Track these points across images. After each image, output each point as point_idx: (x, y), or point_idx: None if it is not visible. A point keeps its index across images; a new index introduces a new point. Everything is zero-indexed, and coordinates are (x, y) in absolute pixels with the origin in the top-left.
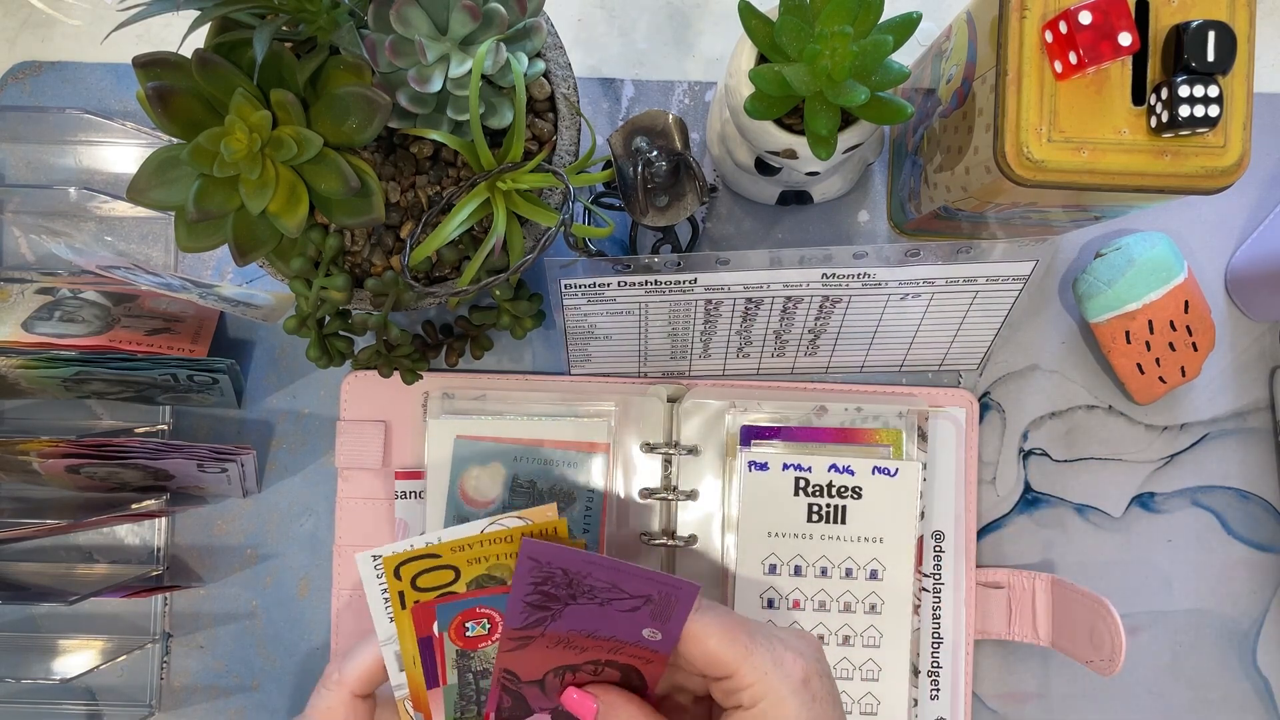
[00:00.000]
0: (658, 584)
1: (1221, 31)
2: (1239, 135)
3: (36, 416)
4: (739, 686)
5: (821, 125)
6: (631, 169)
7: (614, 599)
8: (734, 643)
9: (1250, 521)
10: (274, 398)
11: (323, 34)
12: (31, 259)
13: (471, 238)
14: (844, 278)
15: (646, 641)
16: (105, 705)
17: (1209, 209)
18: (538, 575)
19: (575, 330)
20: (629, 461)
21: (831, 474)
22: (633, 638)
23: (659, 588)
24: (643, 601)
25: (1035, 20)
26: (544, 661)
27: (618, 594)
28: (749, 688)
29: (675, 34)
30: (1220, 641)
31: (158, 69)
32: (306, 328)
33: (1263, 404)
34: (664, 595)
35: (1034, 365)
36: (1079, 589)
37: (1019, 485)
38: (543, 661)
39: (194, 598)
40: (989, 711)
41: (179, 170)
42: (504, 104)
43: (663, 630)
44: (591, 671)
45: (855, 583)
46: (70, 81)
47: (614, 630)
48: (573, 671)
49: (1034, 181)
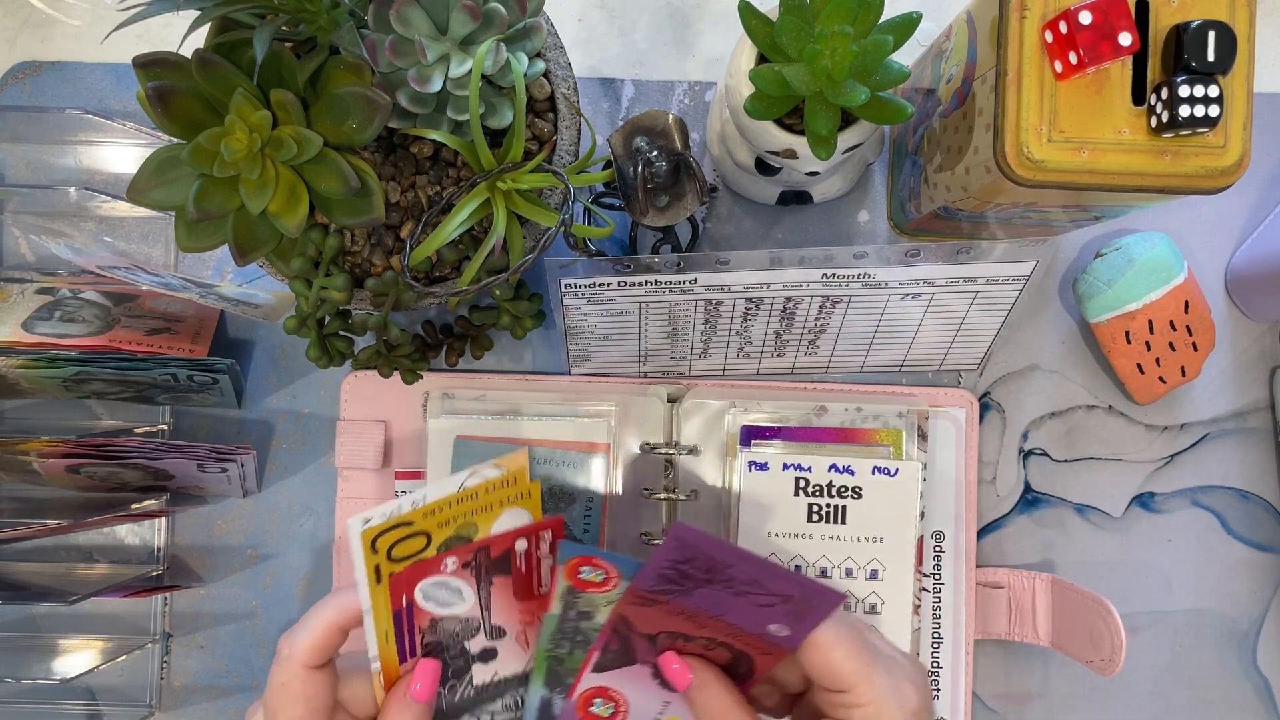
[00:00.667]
0: (802, 587)
1: (1221, 31)
2: (1239, 135)
3: (36, 416)
4: (853, 703)
5: (821, 125)
6: (631, 169)
7: (751, 592)
8: (859, 660)
9: (1250, 521)
10: (274, 398)
11: (323, 34)
12: (31, 259)
13: (471, 238)
14: (844, 278)
15: (770, 636)
16: (105, 705)
17: (1209, 209)
18: (681, 555)
19: (575, 330)
20: (629, 461)
21: (831, 474)
22: (757, 629)
23: (802, 590)
24: (780, 600)
25: (1035, 20)
26: (661, 622)
27: (757, 589)
28: (863, 707)
29: (675, 34)
30: (1220, 641)
31: (158, 69)
32: (306, 328)
33: (1263, 404)
34: (805, 598)
35: (1034, 365)
36: (1079, 589)
37: (1019, 485)
38: (660, 622)
39: (194, 598)
40: (989, 711)
41: (179, 170)
42: (504, 104)
43: (791, 629)
44: (703, 646)
45: (855, 583)
46: (70, 81)
47: (740, 619)
48: (686, 639)
49: (1034, 181)
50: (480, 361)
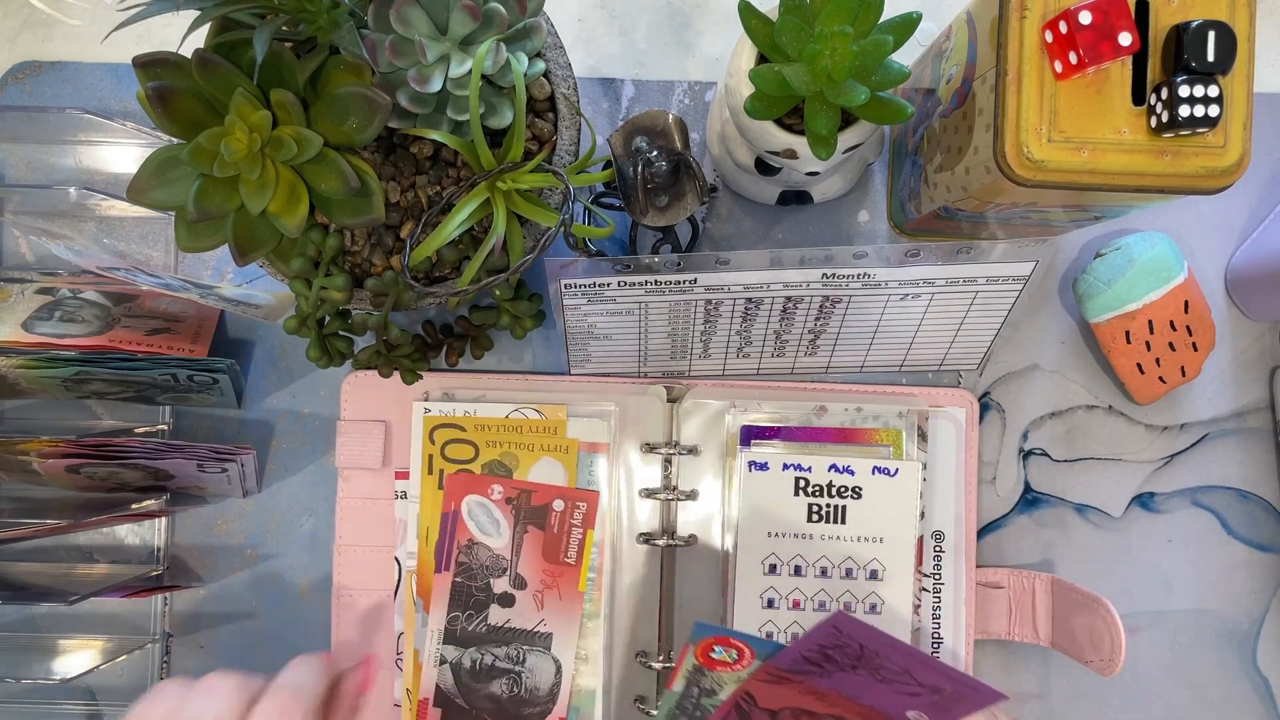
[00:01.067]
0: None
1: (1221, 31)
2: (1239, 135)
3: (36, 416)
4: None
5: (821, 125)
6: (631, 169)
7: (897, 681)
8: None
9: (1250, 521)
10: (274, 398)
11: (323, 34)
12: (31, 259)
13: (471, 238)
14: (844, 278)
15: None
16: (105, 705)
17: (1209, 209)
18: (831, 641)
19: (575, 330)
20: (629, 461)
21: (831, 474)
22: (895, 713)
23: (957, 686)
24: (928, 691)
25: (1035, 20)
26: (788, 699)
27: (905, 679)
28: None
29: (675, 34)
30: (1220, 641)
31: (158, 69)
32: (306, 328)
33: (1263, 404)
34: (957, 693)
35: (1034, 365)
36: (1079, 589)
37: (1019, 485)
38: (787, 699)
39: (194, 598)
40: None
41: (179, 170)
42: (504, 104)
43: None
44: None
45: (855, 583)
46: (70, 81)
47: (878, 702)
48: (810, 716)
49: (1034, 181)
50: (480, 361)
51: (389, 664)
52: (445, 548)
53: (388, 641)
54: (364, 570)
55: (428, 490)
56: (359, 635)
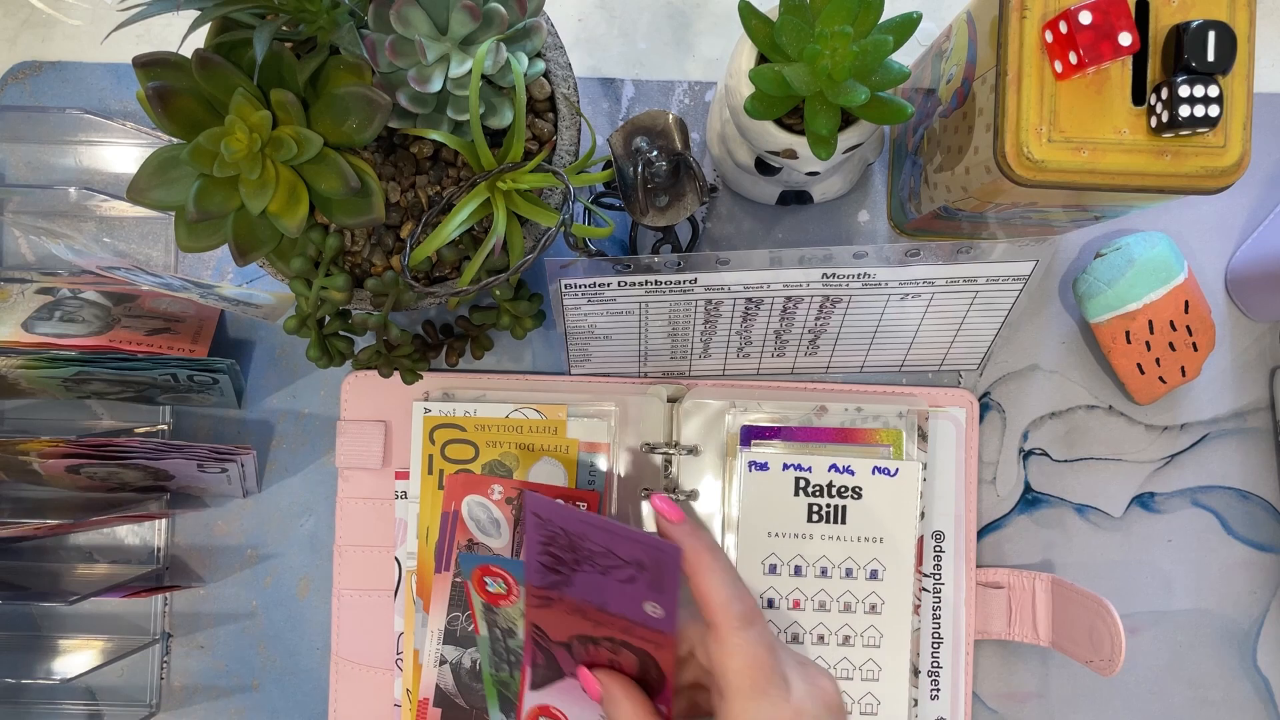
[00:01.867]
0: (644, 547)
1: (1221, 31)
2: (1239, 135)
3: (36, 416)
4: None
5: (821, 125)
6: (631, 169)
7: (611, 566)
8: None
9: (1250, 521)
10: (274, 398)
11: (323, 34)
12: (31, 259)
13: (471, 238)
14: (844, 278)
15: (651, 620)
16: (105, 705)
17: (1209, 209)
18: (544, 533)
19: (575, 330)
20: (629, 461)
21: (831, 474)
22: (638, 615)
23: (647, 551)
24: (636, 569)
25: (1035, 20)
26: (567, 626)
27: (613, 560)
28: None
29: (675, 34)
30: (1220, 641)
31: (158, 69)
32: (306, 328)
33: (1263, 404)
34: (654, 561)
35: (1034, 365)
36: (1079, 589)
37: (1019, 485)
38: (566, 626)
39: (194, 598)
40: (989, 711)
41: (179, 170)
42: (504, 104)
43: (661, 603)
44: (610, 649)
45: (855, 583)
46: (70, 81)
47: (620, 606)
48: (594, 644)
49: (1034, 181)
50: (480, 361)
51: (389, 664)
52: (445, 548)
53: (387, 641)
54: (364, 570)
55: (428, 490)
56: (359, 635)
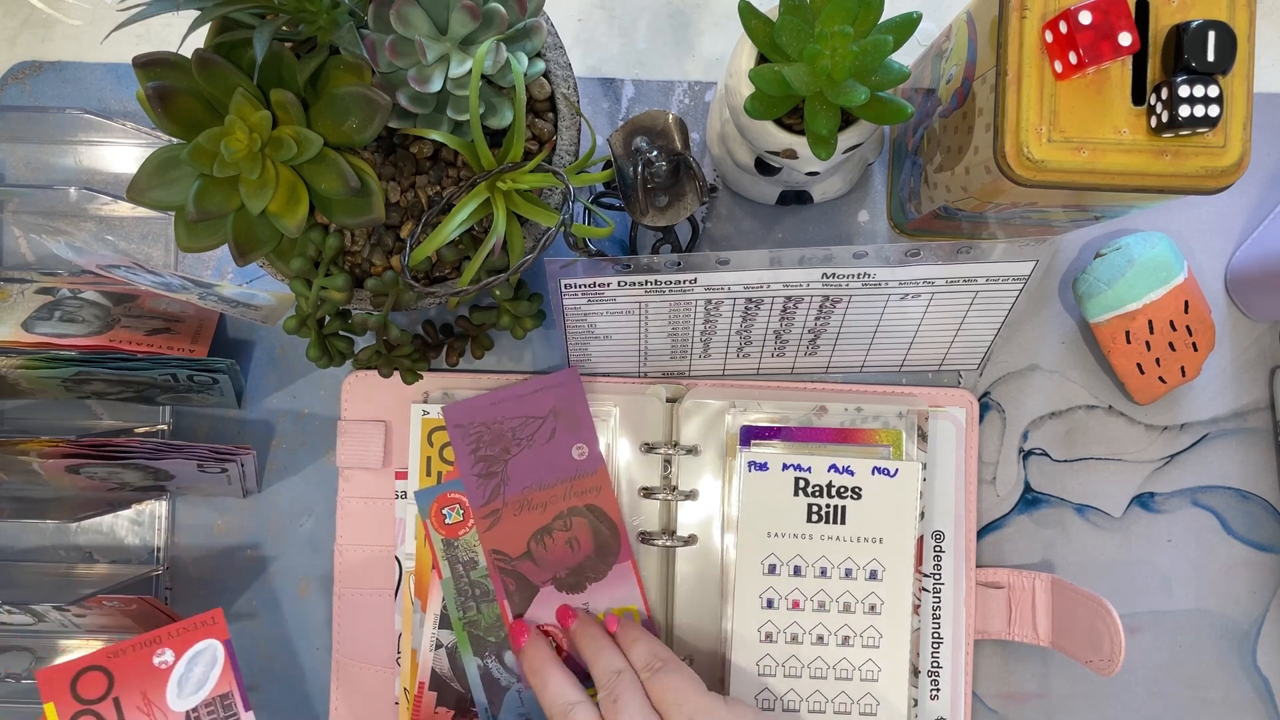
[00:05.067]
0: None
1: (1221, 31)
2: (1239, 135)
3: (36, 416)
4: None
5: (821, 125)
6: (631, 169)
7: (534, 432)
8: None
9: (1250, 521)
10: (274, 398)
11: (323, 34)
12: (31, 259)
13: (471, 238)
14: (844, 278)
15: (582, 465)
16: None
17: (1209, 209)
18: (470, 441)
19: (575, 330)
20: (629, 461)
21: (831, 474)
22: (570, 468)
23: (552, 390)
24: (553, 418)
25: (1035, 20)
26: (520, 531)
27: (533, 424)
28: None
29: (675, 34)
30: (1220, 641)
31: (158, 69)
32: (306, 328)
33: (1263, 404)
34: (563, 397)
35: (1034, 365)
36: (1079, 589)
37: (1019, 485)
38: (519, 532)
39: (194, 597)
40: (989, 711)
41: (179, 170)
42: (504, 104)
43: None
44: (563, 528)
45: (855, 583)
46: (70, 81)
47: (555, 470)
48: (549, 534)
49: (1034, 181)
50: (480, 361)
51: (388, 663)
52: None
53: (387, 641)
54: (364, 570)
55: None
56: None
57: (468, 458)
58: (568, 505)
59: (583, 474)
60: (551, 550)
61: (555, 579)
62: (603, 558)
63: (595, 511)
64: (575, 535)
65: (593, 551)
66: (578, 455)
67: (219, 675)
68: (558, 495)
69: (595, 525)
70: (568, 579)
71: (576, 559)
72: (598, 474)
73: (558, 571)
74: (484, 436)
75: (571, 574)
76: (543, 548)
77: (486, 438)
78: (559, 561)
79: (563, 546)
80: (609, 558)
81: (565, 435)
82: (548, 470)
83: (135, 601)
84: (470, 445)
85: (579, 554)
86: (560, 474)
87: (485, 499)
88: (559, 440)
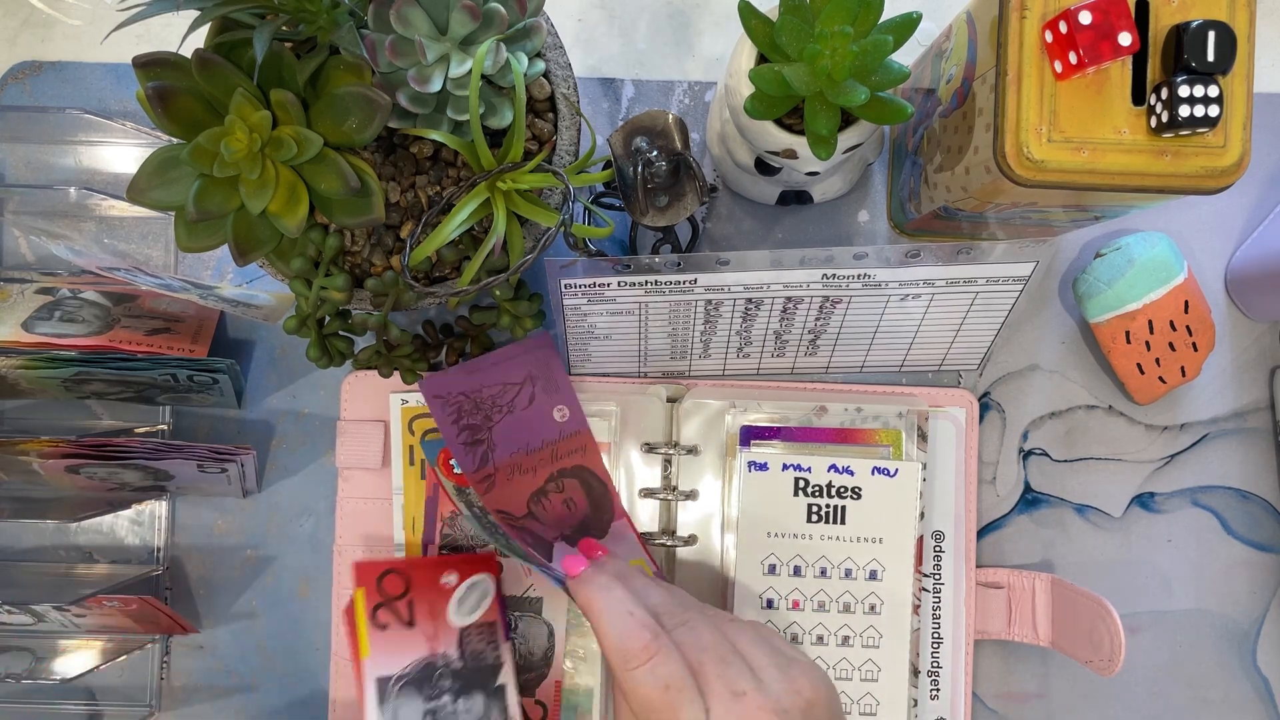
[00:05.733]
0: (523, 354)
1: (1221, 31)
2: (1239, 135)
3: (36, 416)
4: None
5: (821, 125)
6: (631, 169)
7: (513, 399)
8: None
9: (1250, 521)
10: (274, 398)
11: (323, 34)
12: (31, 259)
13: (471, 238)
14: (844, 278)
15: (565, 427)
16: (105, 705)
17: (1209, 209)
18: (451, 412)
19: (575, 330)
20: (629, 461)
21: (831, 474)
22: (553, 430)
23: (527, 356)
24: (530, 383)
25: (1035, 20)
26: (517, 494)
27: (511, 391)
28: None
29: (675, 34)
30: (1220, 641)
31: (158, 69)
32: (306, 328)
33: (1263, 404)
34: (538, 362)
35: (1034, 365)
36: (1079, 589)
37: (1019, 485)
38: (516, 495)
39: (194, 597)
40: (989, 711)
41: (179, 170)
42: (504, 104)
43: (564, 402)
44: (556, 489)
45: (855, 583)
46: (70, 81)
47: (538, 433)
48: (544, 496)
49: (1034, 181)
50: None
51: None
52: (431, 523)
53: None
54: None
55: (410, 481)
56: None
57: (450, 427)
58: (557, 467)
59: (566, 435)
60: (551, 510)
61: (563, 536)
62: (599, 516)
63: (584, 471)
64: (570, 496)
65: (589, 511)
66: (559, 417)
67: (489, 605)
68: (545, 458)
69: (587, 484)
70: (574, 536)
71: (575, 518)
72: (581, 434)
73: (563, 530)
74: (464, 406)
75: (576, 531)
76: (542, 508)
77: (467, 407)
78: (560, 521)
79: (560, 507)
80: (605, 515)
81: (544, 399)
82: (533, 434)
83: (135, 601)
84: (451, 416)
85: (577, 513)
86: (545, 436)
87: (476, 465)
88: (539, 404)
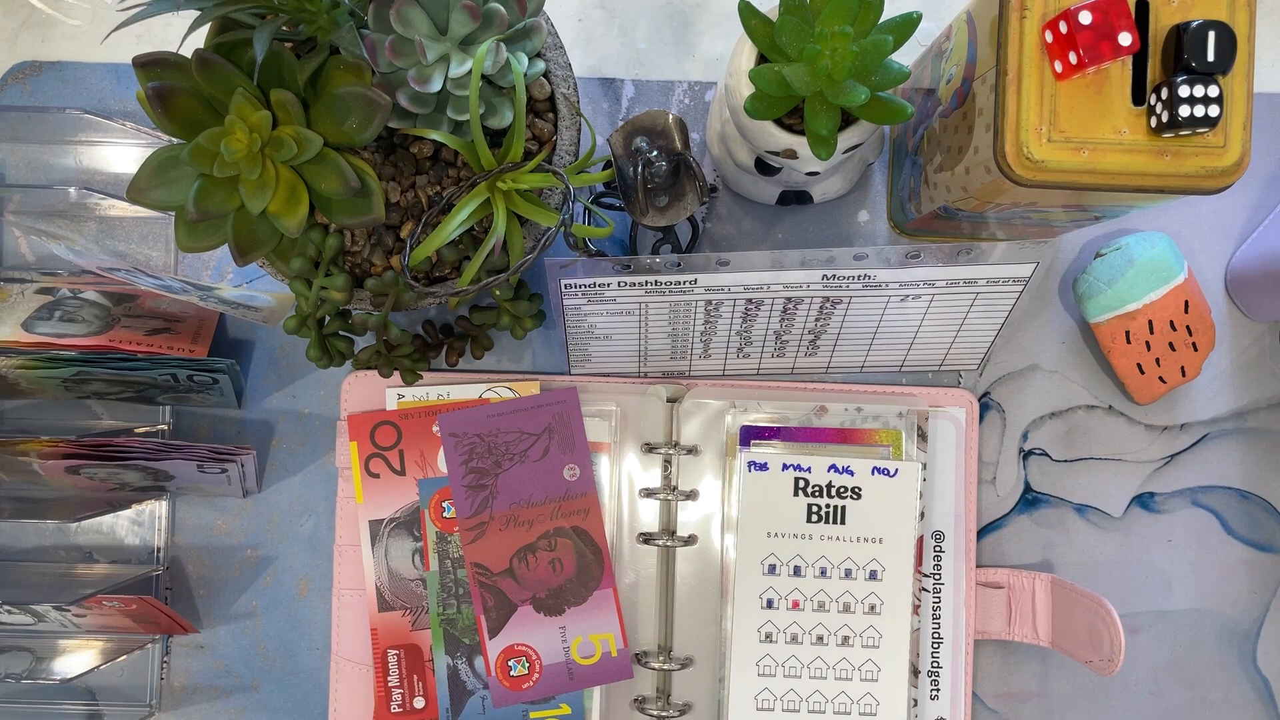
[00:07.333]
0: (546, 406)
1: (1221, 31)
2: (1239, 135)
3: (36, 416)
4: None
5: (821, 125)
6: (631, 169)
7: (528, 449)
8: None
9: (1250, 521)
10: (274, 398)
11: (323, 34)
12: (31, 259)
13: (471, 238)
14: (845, 279)
15: (573, 486)
16: (105, 705)
17: (1209, 209)
18: (463, 451)
19: (575, 330)
20: (629, 461)
21: (831, 474)
22: (560, 488)
23: (550, 409)
24: (547, 436)
25: (1035, 20)
26: (504, 548)
27: (526, 440)
28: None
29: (675, 34)
30: (1220, 641)
31: (158, 69)
32: (307, 328)
33: (1263, 404)
34: (558, 417)
35: (1034, 365)
36: (1079, 589)
37: (1019, 485)
38: (502, 548)
39: (194, 597)
40: (989, 711)
41: (179, 170)
42: (504, 104)
43: (575, 461)
44: (547, 547)
45: (855, 583)
46: (70, 81)
47: (545, 488)
48: (532, 552)
49: (1034, 181)
50: (480, 361)
51: None
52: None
53: None
54: (364, 570)
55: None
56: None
57: (458, 468)
58: (554, 525)
59: (572, 495)
60: (534, 569)
61: (534, 599)
62: (584, 582)
63: (581, 534)
64: (559, 556)
65: (575, 574)
66: (569, 475)
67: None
68: (545, 514)
69: (580, 548)
70: (547, 600)
71: (558, 580)
72: (588, 496)
73: (538, 591)
74: (477, 448)
75: (551, 595)
76: (525, 566)
77: (480, 449)
78: (540, 581)
79: (545, 566)
80: (590, 583)
81: (558, 454)
82: (538, 488)
83: (135, 601)
84: (462, 455)
85: (560, 575)
86: (550, 493)
87: (472, 510)
88: (552, 458)
